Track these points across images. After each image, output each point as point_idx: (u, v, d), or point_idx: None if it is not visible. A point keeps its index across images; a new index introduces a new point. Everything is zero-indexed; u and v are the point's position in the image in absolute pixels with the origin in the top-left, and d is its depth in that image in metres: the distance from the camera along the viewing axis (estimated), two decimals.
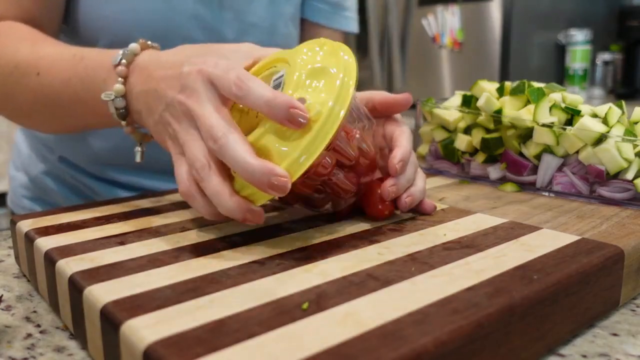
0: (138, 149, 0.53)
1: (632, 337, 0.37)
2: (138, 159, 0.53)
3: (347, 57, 0.43)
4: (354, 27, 0.86)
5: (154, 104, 0.45)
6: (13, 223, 0.49)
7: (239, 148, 0.39)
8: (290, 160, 0.39)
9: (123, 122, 0.50)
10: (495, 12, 1.93)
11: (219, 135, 0.40)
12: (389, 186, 0.47)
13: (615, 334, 0.38)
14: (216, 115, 0.41)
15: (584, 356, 0.35)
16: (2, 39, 0.58)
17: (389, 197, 0.48)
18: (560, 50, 2.08)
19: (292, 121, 0.38)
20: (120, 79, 0.48)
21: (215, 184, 0.40)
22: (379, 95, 0.53)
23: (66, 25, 0.68)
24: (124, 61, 0.48)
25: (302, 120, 0.38)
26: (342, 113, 0.39)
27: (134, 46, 0.49)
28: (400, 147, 0.49)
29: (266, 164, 0.38)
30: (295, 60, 0.43)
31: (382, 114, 0.53)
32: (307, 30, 0.82)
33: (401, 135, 0.51)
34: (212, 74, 0.41)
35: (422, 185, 0.51)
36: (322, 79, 0.41)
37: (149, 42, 0.51)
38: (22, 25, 0.60)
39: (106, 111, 0.50)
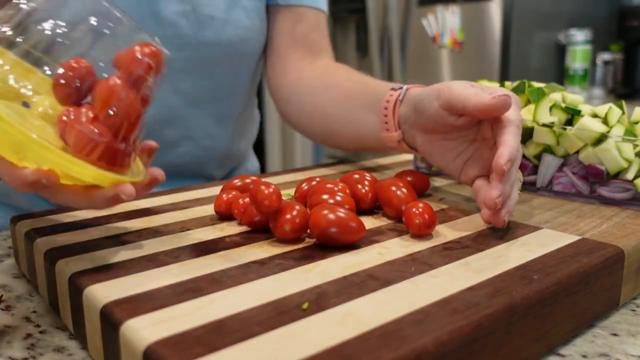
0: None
1: (632, 337, 0.37)
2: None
3: None
4: (322, 5, 0.80)
5: None
6: (13, 223, 0.49)
7: None
8: None
9: None
10: (495, 12, 1.93)
11: None
12: (495, 197, 0.41)
13: (615, 334, 0.38)
14: None
15: (584, 356, 0.35)
16: None
17: (495, 208, 0.41)
18: (560, 50, 2.08)
19: None
20: None
21: None
22: (473, 99, 0.45)
23: None
24: None
25: None
26: None
27: None
28: (506, 144, 0.43)
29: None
30: None
31: (481, 119, 0.48)
32: (279, 13, 0.77)
33: (508, 128, 0.44)
34: None
35: (516, 195, 0.45)
36: None
37: None
38: None
39: None
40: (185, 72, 0.71)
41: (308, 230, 0.42)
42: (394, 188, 0.48)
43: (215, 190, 0.58)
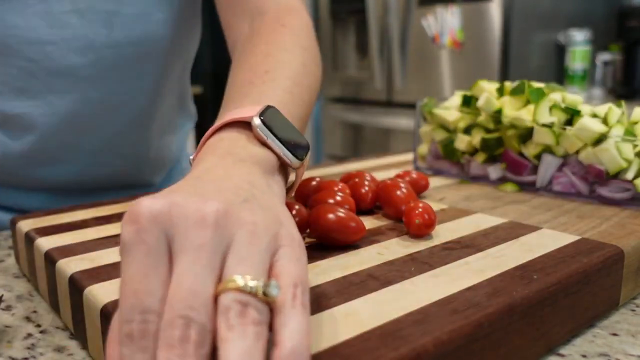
0: None
1: (632, 337, 0.37)
2: None
3: None
4: None
5: None
6: (13, 223, 0.49)
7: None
8: None
9: None
10: (495, 12, 1.93)
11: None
12: None
13: (615, 334, 0.38)
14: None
15: (584, 356, 0.35)
16: None
17: None
18: (560, 50, 2.08)
19: None
20: None
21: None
22: None
23: None
24: None
25: None
26: None
27: None
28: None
29: None
30: None
31: None
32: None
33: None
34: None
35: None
36: None
37: None
38: None
39: None
40: (91, 78, 0.62)
41: (308, 230, 0.42)
42: (394, 188, 0.48)
43: None
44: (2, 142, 0.64)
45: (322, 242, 0.41)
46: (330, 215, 0.41)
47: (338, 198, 0.46)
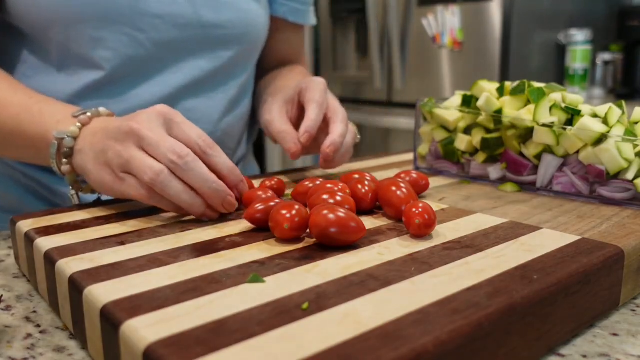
0: (73, 192, 0.56)
1: (632, 337, 0.37)
2: (75, 201, 0.56)
3: None
4: (312, 20, 0.88)
5: (101, 139, 0.50)
6: (13, 223, 0.49)
7: (202, 165, 0.47)
8: None
9: (64, 160, 0.53)
10: (495, 12, 1.93)
11: (185, 152, 0.46)
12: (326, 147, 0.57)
13: (615, 334, 0.38)
14: (172, 138, 0.47)
15: (584, 356, 0.35)
16: None
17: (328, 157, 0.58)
18: (560, 50, 2.08)
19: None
20: (78, 124, 0.52)
21: (204, 169, 0.47)
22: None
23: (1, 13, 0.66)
24: (88, 114, 0.53)
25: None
26: None
27: (102, 109, 0.54)
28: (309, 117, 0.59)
29: (222, 183, 0.47)
30: None
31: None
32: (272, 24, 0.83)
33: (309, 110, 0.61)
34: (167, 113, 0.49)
35: (349, 140, 0.62)
36: None
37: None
38: None
39: (45, 146, 0.54)
40: (188, 52, 0.71)
41: (308, 230, 0.42)
42: (394, 188, 0.48)
43: None
44: (103, 104, 0.65)
45: (322, 243, 0.41)
46: (331, 215, 0.40)
47: (338, 198, 0.46)
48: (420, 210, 0.43)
